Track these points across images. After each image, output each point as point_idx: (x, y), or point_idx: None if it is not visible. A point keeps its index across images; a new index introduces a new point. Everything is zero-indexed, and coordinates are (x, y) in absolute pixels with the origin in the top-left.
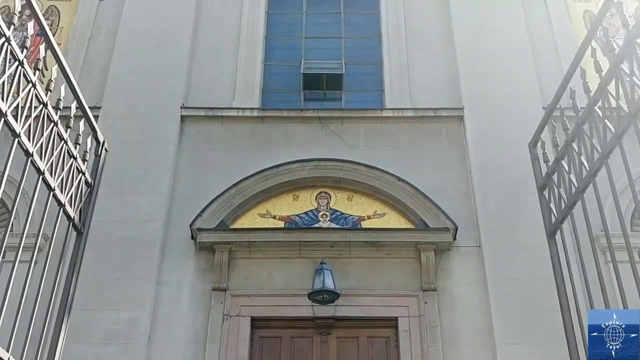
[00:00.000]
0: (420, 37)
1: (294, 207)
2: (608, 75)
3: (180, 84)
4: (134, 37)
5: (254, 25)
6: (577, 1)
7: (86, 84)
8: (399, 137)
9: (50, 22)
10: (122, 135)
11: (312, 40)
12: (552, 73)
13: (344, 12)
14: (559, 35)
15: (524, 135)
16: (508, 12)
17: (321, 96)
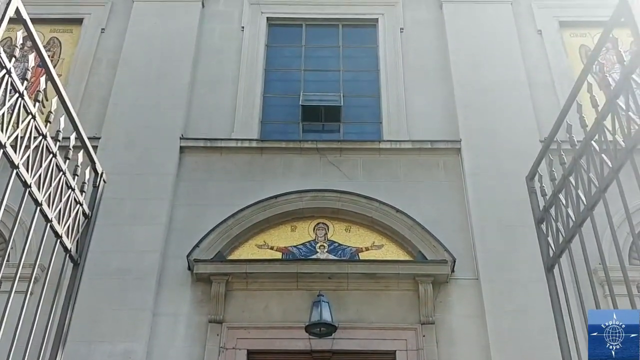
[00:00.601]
0: (417, 71)
1: (292, 238)
2: (604, 110)
3: (180, 115)
4: (135, 68)
5: (254, 57)
6: (572, 36)
7: (86, 114)
8: (397, 168)
9: (51, 54)
10: (121, 166)
11: (311, 73)
12: (548, 106)
13: (342, 46)
14: (555, 69)
15: (521, 168)
16: (505, 47)
17: (320, 128)
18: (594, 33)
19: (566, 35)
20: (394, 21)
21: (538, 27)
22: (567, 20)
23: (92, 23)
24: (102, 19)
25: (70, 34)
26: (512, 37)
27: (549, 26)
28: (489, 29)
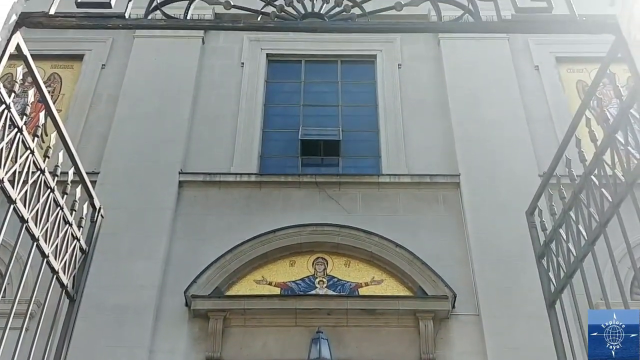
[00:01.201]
0: (416, 106)
1: (291, 273)
2: (603, 144)
3: (179, 149)
4: (135, 103)
5: (254, 93)
6: (569, 71)
7: (85, 149)
8: (396, 202)
9: (52, 89)
10: (119, 200)
11: (310, 108)
12: (547, 141)
13: (341, 81)
14: (553, 104)
15: (521, 203)
16: (502, 82)
17: (319, 162)
18: (590, 68)
19: (563, 70)
20: (392, 57)
21: (535, 63)
22: (564, 56)
23: (92, 59)
24: (103, 55)
25: (71, 70)
26: (509, 72)
27: (546, 62)
28: (487, 64)
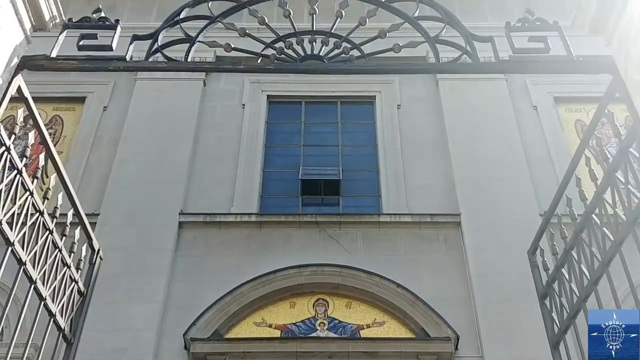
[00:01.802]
0: (415, 146)
1: (291, 315)
2: (604, 183)
3: (180, 190)
4: (136, 145)
5: (254, 133)
6: (568, 111)
7: (85, 191)
8: (397, 242)
9: (53, 131)
10: (118, 242)
11: (310, 148)
12: (547, 180)
13: (341, 122)
14: (552, 144)
15: (523, 242)
16: (501, 122)
17: (319, 201)
18: (589, 108)
19: (561, 110)
20: (391, 98)
21: (533, 103)
22: (562, 96)
23: (94, 101)
24: (105, 97)
25: (72, 112)
26: (508, 112)
27: (544, 102)
28: (485, 104)
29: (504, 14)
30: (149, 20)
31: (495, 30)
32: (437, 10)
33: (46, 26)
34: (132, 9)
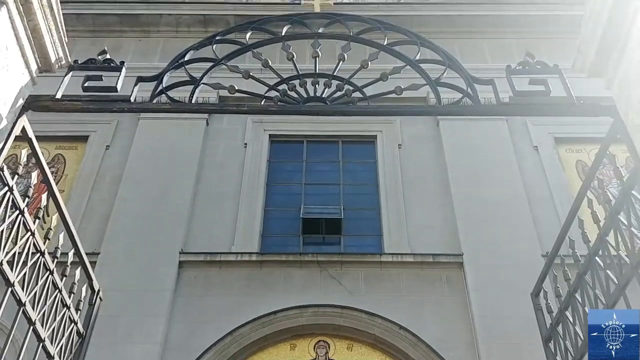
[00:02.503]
0: (417, 185)
1: (291, 357)
2: (606, 225)
3: (181, 229)
4: (137, 184)
5: (256, 172)
6: (568, 152)
7: (86, 230)
8: (399, 282)
9: (55, 170)
10: (118, 282)
11: (311, 186)
12: (548, 220)
13: (342, 160)
14: (554, 184)
15: (526, 283)
16: (502, 162)
17: (320, 240)
18: (589, 149)
19: (562, 150)
20: (392, 137)
21: (534, 143)
22: (563, 137)
23: (97, 140)
24: (108, 136)
25: (75, 151)
26: (509, 152)
27: (545, 142)
28: (486, 144)
29: (503, 54)
30: (153, 60)
31: (495, 70)
32: (438, 53)
33: (52, 68)
34: (137, 49)
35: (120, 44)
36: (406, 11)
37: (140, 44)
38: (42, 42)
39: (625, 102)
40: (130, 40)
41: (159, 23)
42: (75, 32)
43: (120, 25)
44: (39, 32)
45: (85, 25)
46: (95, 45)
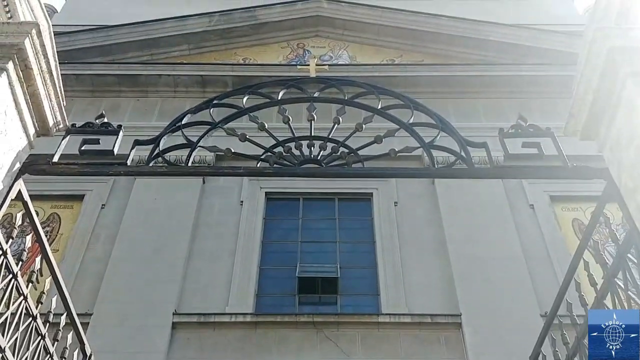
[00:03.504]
0: (413, 243)
1: None
2: (603, 289)
3: (174, 290)
4: (132, 243)
5: (252, 231)
6: (564, 210)
7: (80, 290)
8: (397, 344)
9: (50, 229)
10: (111, 344)
11: (307, 244)
12: (546, 280)
13: (338, 218)
14: (550, 243)
15: (525, 344)
16: (498, 221)
17: (316, 300)
18: (585, 207)
19: (558, 209)
20: (388, 195)
21: (530, 202)
22: (558, 195)
23: (93, 199)
24: (104, 195)
25: (70, 210)
26: (505, 211)
27: (541, 201)
28: (482, 203)
29: (497, 114)
30: (151, 119)
31: (489, 129)
32: (432, 117)
33: (50, 131)
34: (135, 109)
35: (119, 104)
36: (400, 72)
37: (138, 103)
38: (41, 107)
39: (617, 166)
40: (128, 100)
41: (157, 83)
42: (74, 92)
43: (119, 86)
44: (38, 97)
45: (84, 85)
46: (94, 104)
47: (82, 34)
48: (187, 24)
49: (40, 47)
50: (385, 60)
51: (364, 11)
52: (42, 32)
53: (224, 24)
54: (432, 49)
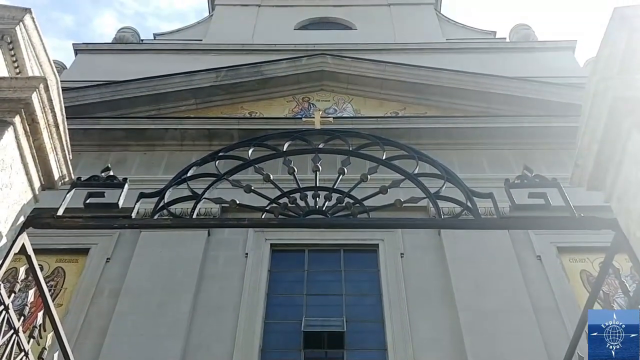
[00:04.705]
0: (421, 295)
1: None
2: None
3: (178, 345)
4: (136, 297)
5: (257, 283)
6: (572, 261)
7: (83, 345)
8: None
9: (54, 283)
10: None
11: (313, 297)
12: (555, 331)
13: (344, 270)
14: (559, 294)
15: None
16: (505, 272)
17: (322, 355)
18: (593, 258)
19: (565, 260)
20: (394, 246)
21: (537, 253)
22: (565, 246)
23: (98, 253)
24: (109, 249)
25: (75, 264)
26: (512, 262)
27: (548, 252)
28: (489, 254)
29: (502, 165)
30: (157, 172)
31: (494, 180)
32: (437, 167)
33: (55, 185)
34: (142, 162)
35: (125, 157)
36: (404, 124)
37: (145, 157)
38: (47, 161)
39: (625, 216)
40: (135, 154)
41: (164, 137)
42: (82, 147)
43: (126, 139)
44: (44, 151)
45: (91, 139)
46: (101, 158)
47: (90, 89)
48: (195, 79)
49: (48, 101)
50: (389, 112)
51: (367, 66)
52: (49, 87)
53: (231, 79)
54: (435, 101)
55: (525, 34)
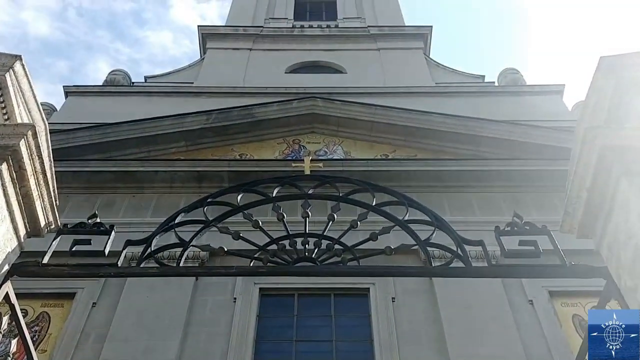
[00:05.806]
0: (412, 341)
1: None
2: None
3: None
4: (122, 343)
5: (245, 329)
6: (564, 305)
7: None
8: None
9: (39, 328)
10: None
11: (302, 343)
12: None
13: (334, 315)
14: (551, 340)
15: None
16: (497, 318)
17: None
18: (585, 302)
19: (557, 304)
20: (385, 291)
21: (529, 297)
22: (557, 290)
23: (84, 297)
24: (95, 294)
25: (60, 309)
26: (504, 307)
27: (540, 296)
28: (480, 298)
29: (491, 208)
30: (145, 215)
31: (484, 224)
32: (427, 214)
33: (41, 232)
34: (130, 205)
35: (114, 200)
36: (394, 167)
37: (134, 199)
38: (33, 208)
39: (615, 264)
40: (124, 196)
41: (153, 179)
42: (70, 189)
43: (115, 182)
44: (31, 198)
45: (80, 182)
46: (89, 201)
47: (80, 131)
48: (186, 122)
49: (36, 148)
50: (379, 155)
51: (357, 109)
52: (38, 134)
53: (222, 121)
54: (425, 144)
55: (514, 77)
